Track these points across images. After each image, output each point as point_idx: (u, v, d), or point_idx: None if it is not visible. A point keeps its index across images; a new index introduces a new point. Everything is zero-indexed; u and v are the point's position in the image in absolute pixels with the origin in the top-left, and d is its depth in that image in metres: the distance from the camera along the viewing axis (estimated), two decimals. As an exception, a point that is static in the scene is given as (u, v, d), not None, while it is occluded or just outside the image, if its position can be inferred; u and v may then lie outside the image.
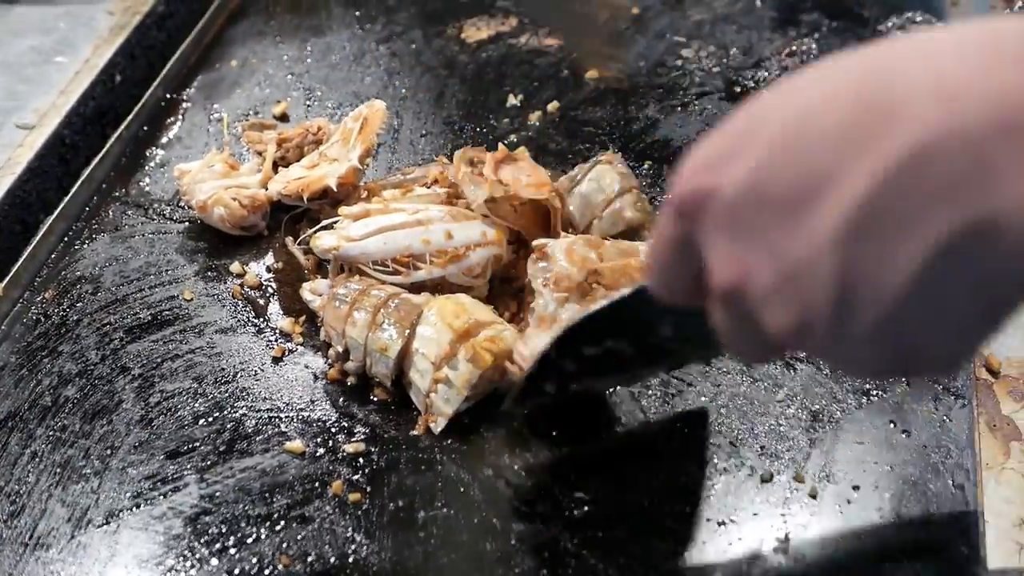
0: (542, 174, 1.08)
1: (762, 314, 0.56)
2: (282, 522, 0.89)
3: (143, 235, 1.21)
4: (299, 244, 1.14)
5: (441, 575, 0.84)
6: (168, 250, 1.18)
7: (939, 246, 0.49)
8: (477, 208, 1.05)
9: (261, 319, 1.09)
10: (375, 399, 0.99)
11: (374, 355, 0.97)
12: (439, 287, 1.03)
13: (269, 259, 1.16)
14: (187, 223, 1.22)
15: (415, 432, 0.96)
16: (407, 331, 0.96)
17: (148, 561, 0.86)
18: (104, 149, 1.32)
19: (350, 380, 1.00)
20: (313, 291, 1.07)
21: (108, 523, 0.90)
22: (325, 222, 1.08)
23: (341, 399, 1.00)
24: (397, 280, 1.02)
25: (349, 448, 0.94)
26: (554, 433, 0.95)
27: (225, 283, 1.14)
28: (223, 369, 1.04)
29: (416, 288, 1.02)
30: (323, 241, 1.05)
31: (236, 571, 0.85)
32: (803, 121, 0.53)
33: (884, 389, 0.97)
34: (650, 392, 0.98)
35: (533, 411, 0.95)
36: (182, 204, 1.24)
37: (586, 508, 0.89)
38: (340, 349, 0.99)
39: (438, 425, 0.95)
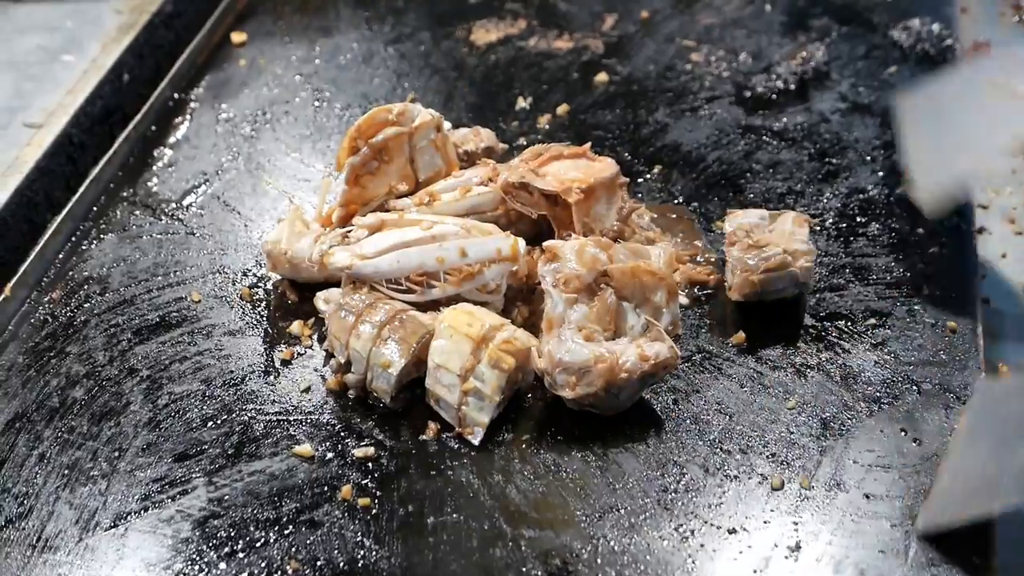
0: (592, 170, 1.08)
1: None
2: (291, 526, 0.88)
3: (151, 235, 1.20)
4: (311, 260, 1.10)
5: (451, 581, 0.84)
6: (176, 251, 1.18)
7: None
8: (500, 188, 1.07)
9: (270, 322, 1.09)
10: (384, 404, 0.99)
11: (376, 370, 0.96)
12: (453, 304, 1.01)
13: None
14: (195, 224, 1.22)
15: (425, 437, 0.96)
16: (412, 349, 0.95)
17: (156, 565, 0.86)
18: (112, 149, 1.32)
19: (350, 393, 1.00)
20: (327, 300, 1.06)
21: (116, 526, 0.89)
22: (338, 230, 1.07)
23: (351, 403, 0.99)
24: (411, 299, 1.01)
25: (358, 452, 0.94)
26: (563, 439, 0.95)
27: (233, 285, 1.13)
28: (232, 372, 1.03)
29: (431, 306, 1.01)
30: (337, 259, 1.03)
31: (244, 575, 0.85)
32: None
33: (895, 397, 0.97)
34: (659, 398, 0.98)
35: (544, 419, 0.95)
36: (188, 205, 1.24)
37: (596, 514, 0.88)
38: (342, 360, 0.99)
39: (476, 436, 0.94)
